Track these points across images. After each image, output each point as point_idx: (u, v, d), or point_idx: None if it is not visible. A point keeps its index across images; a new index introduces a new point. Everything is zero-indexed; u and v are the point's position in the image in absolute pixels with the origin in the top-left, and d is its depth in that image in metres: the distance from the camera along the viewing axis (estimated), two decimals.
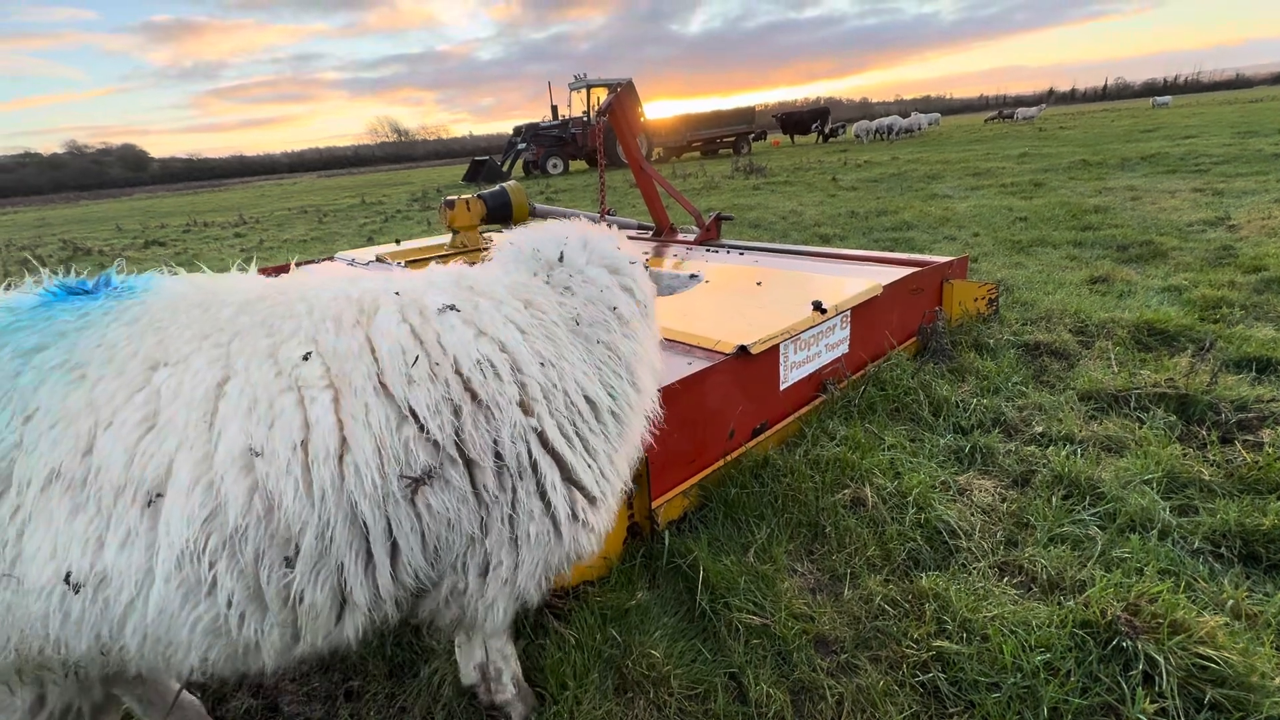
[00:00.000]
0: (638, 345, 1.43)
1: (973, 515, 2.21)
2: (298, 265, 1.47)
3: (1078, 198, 8.44)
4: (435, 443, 1.09)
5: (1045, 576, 1.90)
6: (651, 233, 5.61)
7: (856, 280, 3.33)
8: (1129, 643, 1.58)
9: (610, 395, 1.35)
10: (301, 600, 1.02)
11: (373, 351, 1.11)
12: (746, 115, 32.59)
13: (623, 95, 5.11)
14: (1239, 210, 6.63)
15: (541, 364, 1.24)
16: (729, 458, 2.47)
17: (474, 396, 1.14)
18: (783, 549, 2.11)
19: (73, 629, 0.95)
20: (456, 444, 1.12)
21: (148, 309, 1.09)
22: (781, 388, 2.74)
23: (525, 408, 1.20)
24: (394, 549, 1.09)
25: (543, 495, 1.21)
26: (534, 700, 1.65)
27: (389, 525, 1.06)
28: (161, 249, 12.99)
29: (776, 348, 2.63)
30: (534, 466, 1.20)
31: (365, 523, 1.03)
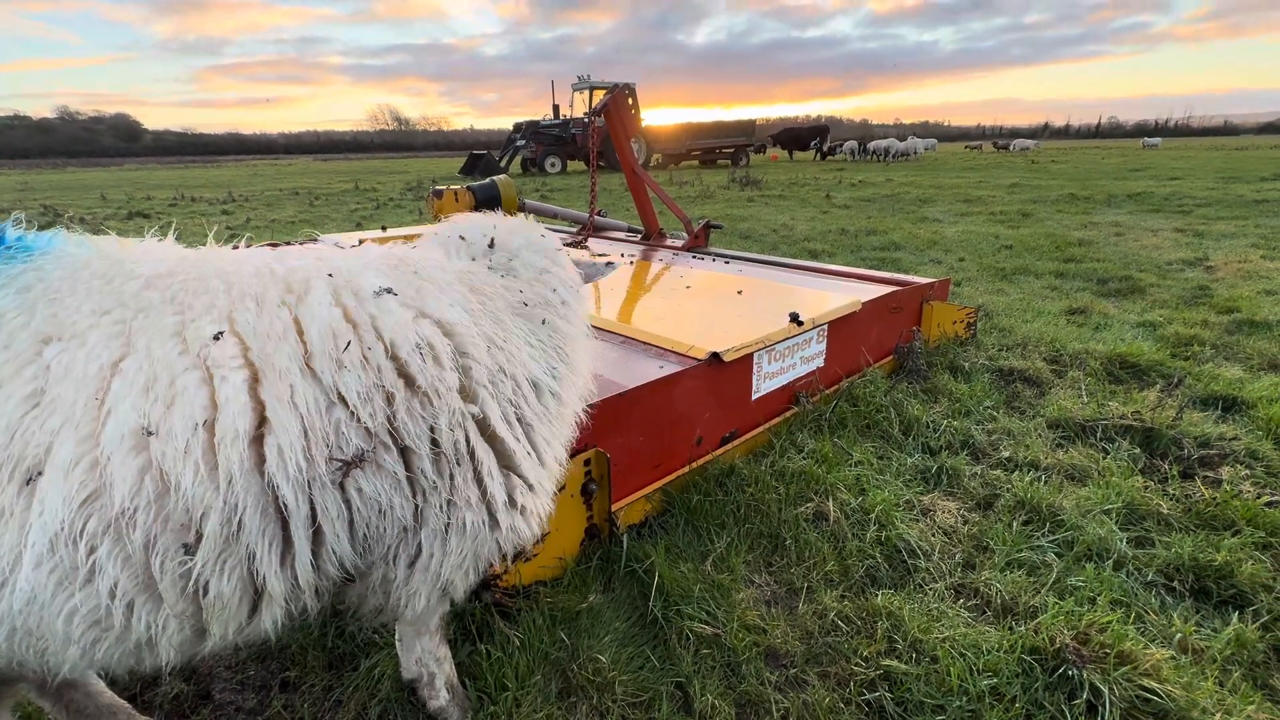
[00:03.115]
0: (574, 326, 1.45)
1: (933, 536, 2.20)
2: (274, 246, 1.41)
3: (1063, 230, 8.57)
4: (367, 429, 1.06)
5: (999, 601, 1.90)
6: (640, 236, 5.61)
7: (837, 295, 3.34)
8: (1075, 671, 1.58)
9: (553, 376, 1.34)
10: (205, 591, 0.96)
11: (300, 333, 1.06)
12: (747, 128, 32.76)
13: (618, 96, 5.09)
14: (1217, 252, 6.76)
15: (489, 348, 1.21)
16: (695, 464, 2.45)
17: (410, 382, 1.10)
18: (741, 559, 2.09)
19: None
20: (390, 431, 1.08)
21: (43, 276, 1.01)
22: (753, 397, 2.72)
23: (467, 393, 1.17)
24: (317, 536, 1.04)
25: (479, 482, 1.18)
26: (469, 704, 1.60)
27: (313, 511, 1.01)
28: (145, 220, 12.76)
29: (750, 357, 2.62)
30: (471, 453, 1.16)
31: (286, 508, 0.98)
